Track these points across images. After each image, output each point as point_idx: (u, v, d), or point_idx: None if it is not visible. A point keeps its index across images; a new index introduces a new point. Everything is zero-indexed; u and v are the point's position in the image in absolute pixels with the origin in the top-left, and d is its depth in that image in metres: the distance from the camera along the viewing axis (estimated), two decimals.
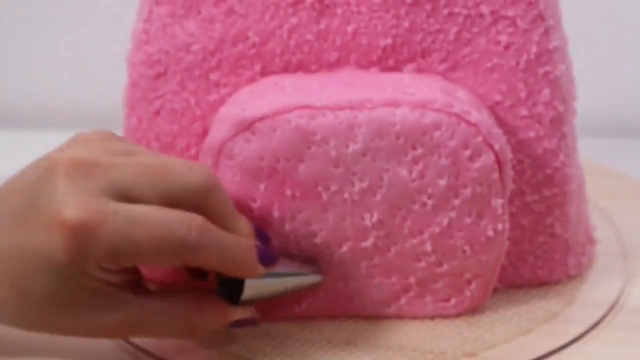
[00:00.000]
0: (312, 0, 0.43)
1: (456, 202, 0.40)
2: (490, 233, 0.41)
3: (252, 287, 0.39)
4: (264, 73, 0.43)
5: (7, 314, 0.37)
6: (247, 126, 0.39)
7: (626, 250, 0.50)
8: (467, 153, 0.39)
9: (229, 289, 0.39)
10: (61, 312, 0.36)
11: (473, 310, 0.43)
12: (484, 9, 0.43)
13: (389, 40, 0.43)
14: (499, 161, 0.40)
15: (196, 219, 0.36)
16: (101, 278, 0.35)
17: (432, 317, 0.43)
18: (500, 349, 0.41)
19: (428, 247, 0.41)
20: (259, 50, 0.43)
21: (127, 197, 0.35)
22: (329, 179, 0.40)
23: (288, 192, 0.40)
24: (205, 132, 0.44)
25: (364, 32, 0.43)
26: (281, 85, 0.41)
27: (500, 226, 0.41)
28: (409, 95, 0.40)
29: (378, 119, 0.39)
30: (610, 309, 0.44)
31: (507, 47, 0.43)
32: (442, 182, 0.40)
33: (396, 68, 0.43)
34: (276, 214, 0.40)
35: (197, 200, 0.36)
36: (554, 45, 0.43)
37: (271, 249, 0.39)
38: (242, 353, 0.41)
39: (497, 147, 0.40)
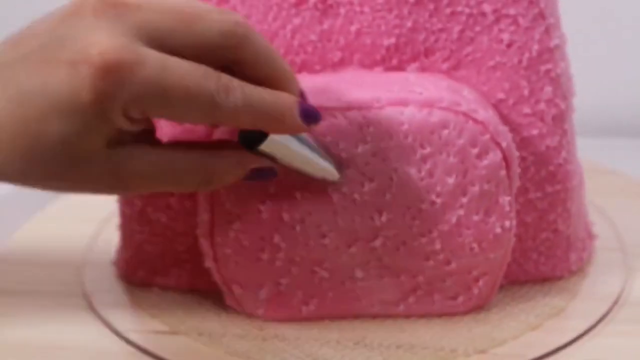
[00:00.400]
0: (315, 0, 0.43)
1: (464, 200, 0.40)
2: (498, 230, 0.41)
3: (275, 141, 0.37)
4: None
5: (14, 162, 0.34)
6: None
7: (624, 245, 0.50)
8: (475, 151, 0.40)
9: (250, 138, 0.37)
10: (71, 162, 0.34)
11: (480, 307, 0.43)
12: (486, 7, 0.43)
13: (392, 40, 0.43)
14: (505, 158, 0.40)
15: (222, 76, 0.34)
16: (121, 126, 0.34)
17: (439, 315, 0.43)
18: (510, 345, 0.41)
19: (437, 246, 0.41)
20: None
21: (158, 43, 0.34)
22: (339, 181, 0.39)
23: (298, 195, 0.40)
24: (208, 135, 0.44)
25: (367, 32, 0.43)
26: None
27: (507, 223, 0.41)
28: (416, 95, 0.40)
29: (387, 119, 0.39)
30: (615, 302, 0.44)
31: (509, 45, 0.43)
32: (451, 181, 0.40)
33: (400, 67, 0.43)
34: (285, 216, 0.40)
35: (230, 48, 0.35)
36: (554, 44, 0.44)
37: (313, 106, 0.37)
38: (251, 355, 0.40)
39: (504, 144, 0.40)
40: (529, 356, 0.40)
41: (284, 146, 0.37)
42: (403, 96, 0.40)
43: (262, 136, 0.37)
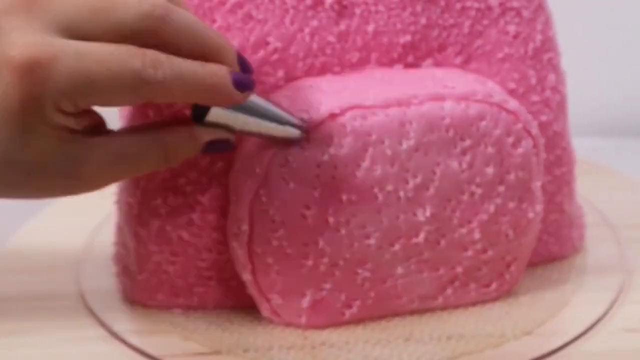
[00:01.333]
0: (331, 1, 0.42)
1: (501, 188, 0.41)
2: (531, 215, 0.42)
3: (220, 111, 0.37)
4: (287, 78, 0.42)
5: None
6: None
7: (607, 220, 0.53)
8: (510, 140, 0.41)
9: (199, 112, 0.37)
10: (25, 168, 0.34)
11: (509, 292, 0.45)
12: (493, 1, 0.44)
13: (408, 37, 0.43)
14: (536, 145, 0.42)
15: (148, 52, 0.34)
16: (62, 124, 0.34)
17: (474, 304, 0.44)
18: (551, 324, 0.42)
19: (476, 236, 0.42)
20: (281, 56, 0.42)
21: (75, 33, 0.34)
22: (385, 180, 0.39)
23: (344, 197, 0.39)
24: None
25: (383, 30, 0.43)
26: (318, 87, 0.41)
27: (538, 207, 0.43)
28: (450, 89, 0.40)
29: (428, 114, 0.40)
30: (629, 273, 0.47)
31: (515, 37, 0.45)
32: (489, 171, 0.41)
33: (415, 64, 0.44)
34: (331, 220, 0.40)
35: (150, 31, 0.34)
36: (553, 33, 0.46)
37: (248, 75, 0.37)
38: None
39: (534, 132, 0.41)
40: (574, 332, 0.41)
41: (231, 114, 0.37)
42: (438, 91, 0.40)
43: (208, 109, 0.37)
